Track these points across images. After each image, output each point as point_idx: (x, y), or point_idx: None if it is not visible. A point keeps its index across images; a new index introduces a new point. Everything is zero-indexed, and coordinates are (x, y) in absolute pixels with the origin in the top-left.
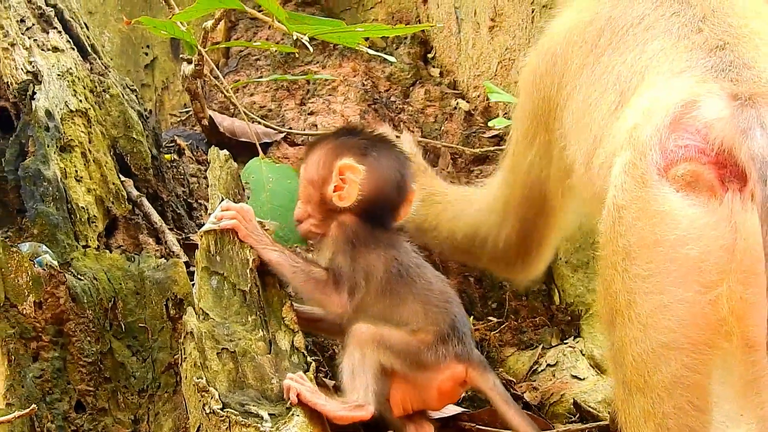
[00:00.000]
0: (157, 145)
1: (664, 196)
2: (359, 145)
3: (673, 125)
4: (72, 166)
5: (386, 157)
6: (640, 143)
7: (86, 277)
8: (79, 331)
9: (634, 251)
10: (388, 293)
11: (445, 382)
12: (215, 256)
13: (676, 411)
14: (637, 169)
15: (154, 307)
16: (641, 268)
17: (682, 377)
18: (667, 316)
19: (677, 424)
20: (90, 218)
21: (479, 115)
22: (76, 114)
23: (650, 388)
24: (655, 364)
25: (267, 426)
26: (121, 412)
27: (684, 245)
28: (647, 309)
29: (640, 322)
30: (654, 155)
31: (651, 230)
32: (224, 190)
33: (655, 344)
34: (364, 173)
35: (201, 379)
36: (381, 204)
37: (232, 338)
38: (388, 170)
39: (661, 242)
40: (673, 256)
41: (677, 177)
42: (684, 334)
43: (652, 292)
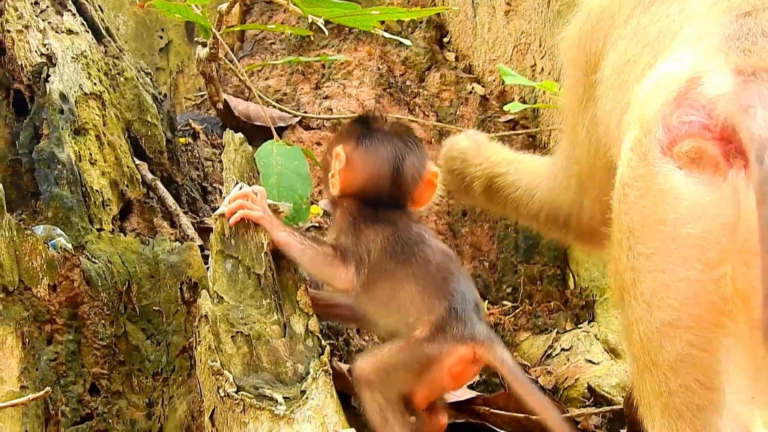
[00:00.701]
0: (171, 128)
1: (666, 174)
2: (358, 132)
3: (678, 101)
4: (86, 149)
5: (381, 145)
6: (646, 119)
7: (101, 261)
8: (93, 314)
9: (638, 230)
10: (387, 275)
11: (454, 366)
12: (230, 240)
13: (683, 389)
14: (641, 146)
15: (169, 291)
16: (644, 247)
17: (688, 355)
18: (670, 295)
19: (684, 402)
20: (104, 201)
21: (494, 99)
22: (90, 97)
23: (657, 366)
24: (660, 342)
25: (281, 409)
26: (136, 395)
27: (686, 224)
28: (651, 288)
29: (645, 301)
30: (657, 132)
31: (654, 209)
32: (239, 173)
33: (659, 323)
34: (345, 162)
35: (215, 363)
36: (373, 190)
37: (246, 322)
38: (378, 157)
39: (664, 221)
40: (675, 235)
41: (681, 154)
42: (687, 312)
43: (655, 270)
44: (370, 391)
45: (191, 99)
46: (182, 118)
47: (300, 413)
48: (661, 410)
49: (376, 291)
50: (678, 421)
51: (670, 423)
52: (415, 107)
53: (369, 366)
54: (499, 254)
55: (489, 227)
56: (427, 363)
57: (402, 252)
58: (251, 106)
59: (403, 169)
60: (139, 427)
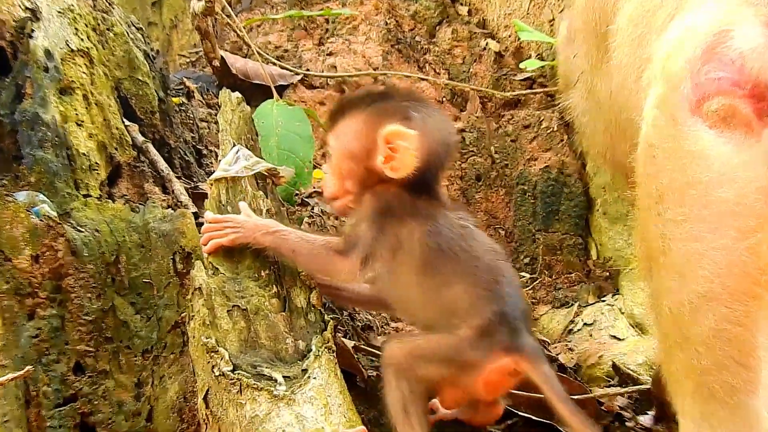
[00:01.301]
0: (164, 87)
1: (696, 134)
2: (399, 107)
3: (706, 56)
4: (72, 110)
5: (432, 117)
6: (672, 76)
7: (87, 229)
8: (78, 287)
9: (667, 194)
10: (429, 272)
11: (492, 374)
12: (226, 207)
13: (717, 367)
14: (668, 104)
15: (160, 262)
16: (674, 213)
17: (722, 330)
18: (703, 265)
19: (718, 381)
20: (91, 165)
21: (510, 56)
22: (77, 54)
23: (688, 342)
24: (692, 316)
25: (281, 389)
26: (124, 374)
27: (717, 188)
28: (682, 257)
29: (675, 271)
30: (686, 89)
31: (683, 171)
32: (236, 135)
33: (692, 295)
34: (418, 138)
35: (210, 339)
36: (433, 169)
37: (243, 295)
38: (438, 131)
39: (694, 184)
40: (707, 200)
41: (710, 112)
42: (721, 283)
43: (686, 238)
44: (396, 378)
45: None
46: (176, 76)
47: (301, 394)
48: (692, 390)
49: (416, 292)
50: (710, 402)
51: (702, 404)
52: (425, 65)
53: (402, 352)
54: (516, 222)
55: (505, 192)
56: (466, 366)
57: (447, 247)
58: (249, 64)
59: (453, 142)
60: (126, 408)
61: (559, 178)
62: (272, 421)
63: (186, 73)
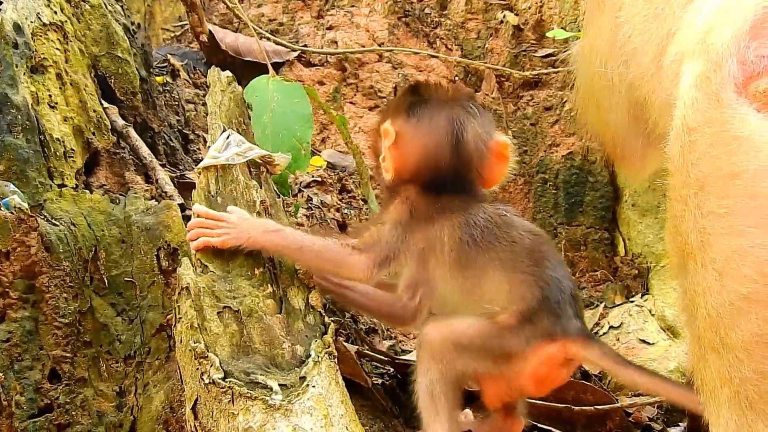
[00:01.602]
0: (146, 65)
1: (743, 118)
2: (407, 103)
3: (754, 31)
4: (45, 90)
5: (435, 113)
6: (714, 52)
7: (62, 222)
8: (53, 287)
9: (708, 184)
10: (463, 265)
11: (540, 368)
12: (216, 197)
13: (757, 375)
14: (710, 84)
15: (143, 258)
16: (716, 205)
17: (766, 335)
18: (747, 263)
19: (758, 391)
20: (66, 152)
21: (530, 30)
22: (49, 28)
23: (727, 347)
24: (732, 319)
25: (277, 399)
26: (104, 382)
27: (766, 178)
28: (723, 253)
29: (715, 269)
30: (731, 67)
31: (727, 159)
32: (226, 118)
33: (733, 296)
34: (395, 138)
35: (198, 344)
36: (432, 168)
37: (235, 295)
38: (433, 127)
39: (740, 174)
40: (755, 191)
41: (759, 93)
42: (767, 284)
43: (729, 233)
44: (429, 362)
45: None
46: (159, 52)
47: (299, 403)
48: (728, 399)
49: (451, 287)
50: (748, 413)
51: (739, 414)
52: (435, 40)
53: (439, 335)
54: (536, 214)
55: (524, 182)
56: (507, 356)
57: (481, 238)
58: (241, 39)
59: (465, 138)
60: (107, 420)
61: (583, 166)
62: None
63: (170, 49)
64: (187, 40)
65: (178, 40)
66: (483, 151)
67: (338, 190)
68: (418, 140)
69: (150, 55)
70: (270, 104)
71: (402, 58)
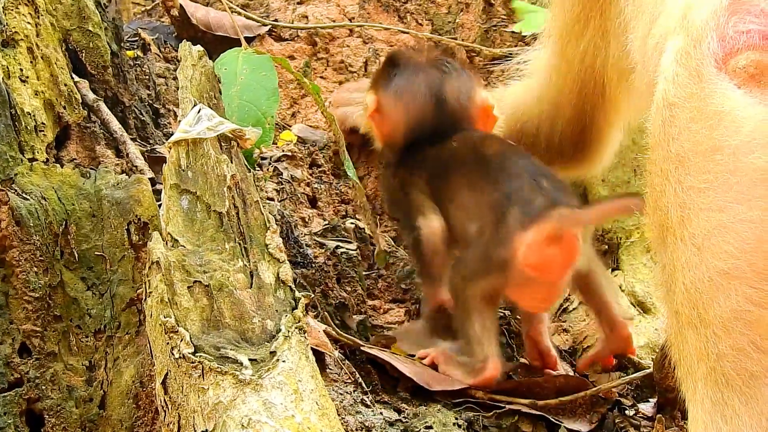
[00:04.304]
0: (117, 39)
1: (723, 93)
2: (385, 73)
3: (733, 6)
4: (16, 64)
5: (411, 76)
6: (694, 28)
7: (32, 197)
8: (23, 261)
9: (689, 159)
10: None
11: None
12: (186, 172)
13: (735, 352)
14: (691, 59)
15: (114, 232)
16: (696, 179)
17: (744, 312)
18: (728, 239)
19: (735, 367)
20: (37, 126)
21: (500, 5)
22: (20, 2)
23: (704, 323)
24: (711, 295)
25: (247, 373)
26: (74, 356)
27: (748, 153)
28: (703, 229)
29: (695, 244)
30: (711, 43)
31: (708, 134)
32: (197, 93)
33: (712, 271)
34: (375, 108)
35: (169, 318)
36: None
37: (206, 269)
38: (409, 90)
39: (720, 149)
40: (735, 166)
41: (738, 69)
42: (747, 260)
43: (709, 208)
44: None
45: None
46: (130, 27)
47: (269, 378)
48: (704, 375)
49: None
50: (725, 389)
51: (715, 391)
52: (406, 15)
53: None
54: None
55: None
56: (501, 265)
57: (448, 168)
58: (212, 13)
59: (444, 96)
60: (77, 394)
61: None
62: (237, 408)
63: (141, 23)
64: (157, 14)
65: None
66: (466, 106)
67: (308, 165)
68: (398, 106)
69: (121, 30)
70: (238, 77)
71: (372, 33)
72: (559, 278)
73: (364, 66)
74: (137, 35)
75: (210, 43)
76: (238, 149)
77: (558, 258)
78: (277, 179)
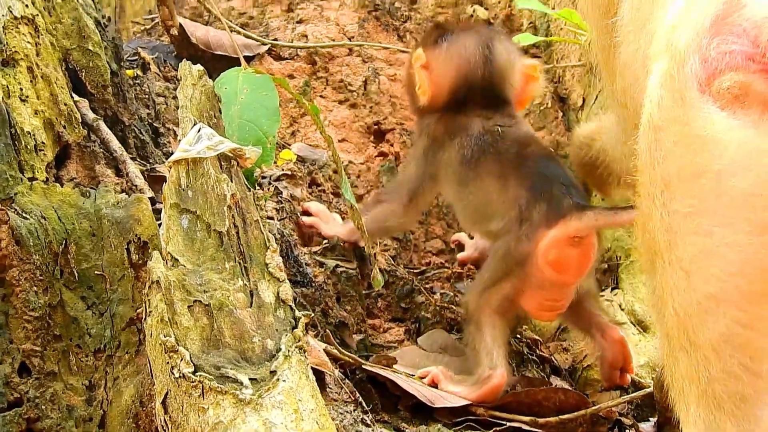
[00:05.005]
0: (117, 58)
1: (706, 117)
2: (436, 33)
3: (715, 27)
4: (16, 84)
5: (464, 36)
6: (677, 50)
7: (32, 216)
8: (23, 280)
9: (674, 183)
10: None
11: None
12: (186, 191)
13: (725, 375)
14: (674, 82)
15: (114, 252)
16: (681, 204)
17: (733, 335)
18: (714, 263)
19: (726, 390)
20: (37, 145)
21: (501, 24)
22: (21, 21)
23: (694, 347)
24: (700, 318)
25: (247, 393)
26: (74, 376)
27: (731, 176)
28: (690, 253)
29: (682, 269)
30: (693, 65)
31: (692, 158)
32: (197, 112)
33: (700, 295)
34: (427, 62)
35: (169, 337)
36: (464, 85)
37: (206, 289)
38: (462, 48)
39: (704, 173)
40: (719, 190)
41: (722, 91)
42: (734, 284)
43: (695, 232)
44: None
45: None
46: (129, 46)
47: (269, 398)
48: (696, 398)
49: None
50: (716, 412)
51: (707, 413)
52: (405, 33)
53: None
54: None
55: None
56: (521, 261)
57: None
58: (211, 32)
59: (494, 54)
60: (77, 414)
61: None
62: (237, 427)
63: (141, 42)
64: (157, 33)
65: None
66: (513, 69)
67: (308, 184)
68: (451, 61)
69: (121, 49)
70: (238, 96)
71: (372, 52)
72: (574, 280)
73: (364, 85)
74: (137, 54)
75: (210, 63)
76: (238, 168)
77: (575, 260)
78: (276, 198)
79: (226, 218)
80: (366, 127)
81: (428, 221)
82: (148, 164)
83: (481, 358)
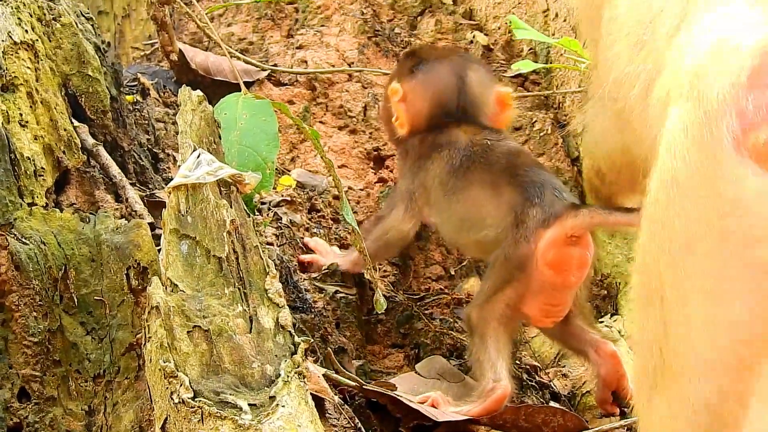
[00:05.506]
0: (116, 84)
1: (741, 181)
2: (410, 63)
3: (752, 80)
4: (16, 109)
5: (438, 65)
6: (708, 101)
7: (32, 241)
8: (23, 305)
9: (694, 243)
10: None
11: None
12: (186, 217)
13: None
14: (704, 136)
15: (113, 277)
16: (699, 267)
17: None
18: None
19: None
20: (37, 171)
21: (500, 50)
22: (20, 47)
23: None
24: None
25: (246, 418)
26: (73, 401)
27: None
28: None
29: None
30: (729, 120)
31: (720, 221)
32: (196, 138)
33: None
34: (403, 94)
35: (168, 363)
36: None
37: (205, 314)
38: (437, 77)
39: (732, 238)
40: (748, 261)
41: (758, 145)
42: (736, 353)
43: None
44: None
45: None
46: (129, 71)
47: (268, 423)
48: None
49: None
50: None
51: None
52: None
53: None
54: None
55: None
56: (520, 265)
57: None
58: (211, 58)
59: (467, 82)
60: None
61: None
62: None
63: (140, 67)
64: (157, 58)
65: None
66: (487, 96)
67: (308, 210)
68: (425, 91)
69: (120, 74)
70: (238, 122)
71: (372, 78)
72: (573, 282)
73: (363, 111)
74: (137, 80)
75: (209, 88)
76: (238, 194)
77: (575, 259)
78: (276, 224)
79: (226, 244)
80: (366, 153)
81: (427, 247)
82: (148, 190)
83: (485, 370)
